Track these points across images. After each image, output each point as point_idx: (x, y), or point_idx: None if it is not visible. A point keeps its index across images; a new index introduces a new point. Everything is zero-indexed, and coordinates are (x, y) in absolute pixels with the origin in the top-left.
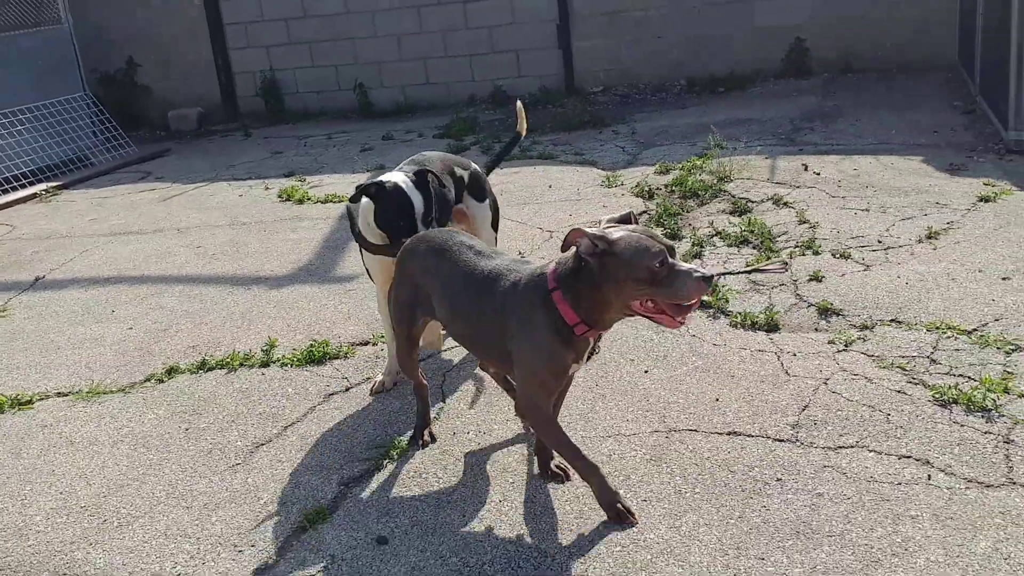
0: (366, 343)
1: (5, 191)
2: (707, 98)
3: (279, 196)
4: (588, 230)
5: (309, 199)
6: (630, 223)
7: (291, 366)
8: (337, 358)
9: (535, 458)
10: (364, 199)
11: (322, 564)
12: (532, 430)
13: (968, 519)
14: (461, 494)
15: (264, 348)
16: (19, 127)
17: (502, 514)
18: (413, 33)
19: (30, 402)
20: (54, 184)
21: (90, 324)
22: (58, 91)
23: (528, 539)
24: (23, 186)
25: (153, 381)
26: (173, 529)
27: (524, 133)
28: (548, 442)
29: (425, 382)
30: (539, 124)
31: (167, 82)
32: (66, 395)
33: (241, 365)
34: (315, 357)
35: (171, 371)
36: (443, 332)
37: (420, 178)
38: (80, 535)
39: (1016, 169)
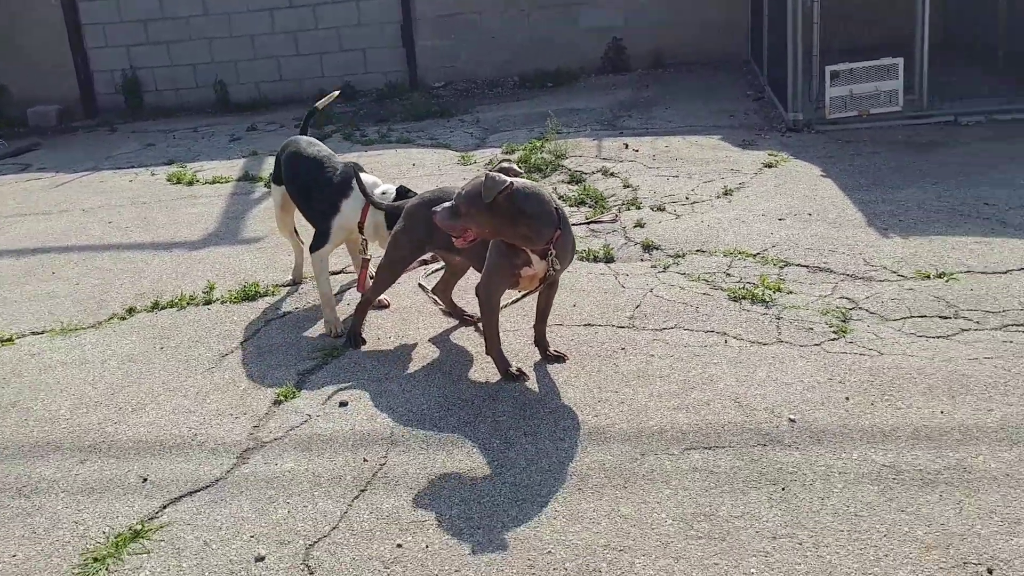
0: (286, 285)
1: None
2: (538, 92)
3: (168, 180)
4: None
5: (198, 181)
6: (509, 174)
7: (230, 303)
8: (267, 296)
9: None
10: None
11: (302, 419)
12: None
13: (751, 362)
14: (395, 374)
15: (204, 291)
16: None
17: (430, 382)
18: (267, 33)
19: (11, 339)
20: None
21: (36, 283)
22: None
23: (452, 393)
24: None
25: (116, 319)
26: (179, 409)
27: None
28: (483, 320)
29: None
30: (391, 114)
31: (25, 80)
32: (41, 334)
33: (188, 304)
34: (249, 295)
35: (130, 311)
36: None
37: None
38: (103, 419)
39: (792, 143)
